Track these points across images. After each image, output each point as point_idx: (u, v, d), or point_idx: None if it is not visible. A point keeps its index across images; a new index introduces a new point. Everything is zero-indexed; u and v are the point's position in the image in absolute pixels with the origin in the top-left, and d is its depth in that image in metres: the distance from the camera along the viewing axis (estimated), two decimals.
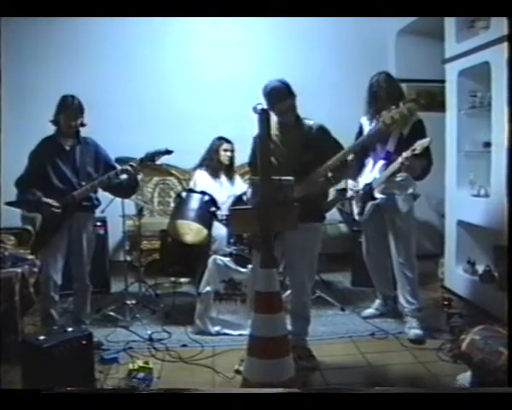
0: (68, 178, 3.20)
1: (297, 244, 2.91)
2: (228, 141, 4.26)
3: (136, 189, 3.55)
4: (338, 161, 2.91)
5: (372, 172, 3.52)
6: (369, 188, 3.50)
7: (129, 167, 3.19)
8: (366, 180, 3.55)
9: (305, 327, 3.13)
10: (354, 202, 3.68)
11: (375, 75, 3.47)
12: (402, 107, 3.08)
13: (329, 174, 2.93)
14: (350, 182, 3.67)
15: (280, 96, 2.84)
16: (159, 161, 3.50)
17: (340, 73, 5.27)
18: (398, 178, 3.41)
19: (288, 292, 3.33)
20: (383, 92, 3.36)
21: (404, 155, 3.18)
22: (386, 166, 3.38)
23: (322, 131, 2.98)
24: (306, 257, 3.01)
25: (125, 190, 3.42)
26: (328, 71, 5.30)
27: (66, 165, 3.21)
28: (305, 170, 2.87)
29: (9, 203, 3.23)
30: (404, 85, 3.67)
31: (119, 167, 3.27)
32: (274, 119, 2.89)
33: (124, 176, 3.25)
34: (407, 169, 3.27)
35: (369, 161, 3.59)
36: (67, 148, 3.24)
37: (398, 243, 3.47)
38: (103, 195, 3.47)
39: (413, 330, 3.40)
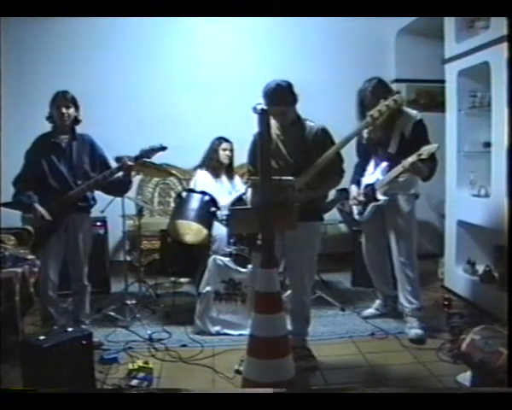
0: (64, 177, 3.18)
1: (297, 243, 2.91)
2: (227, 140, 4.27)
3: (130, 187, 3.53)
4: (328, 158, 2.90)
5: (374, 173, 3.52)
6: (370, 189, 3.50)
7: (124, 164, 3.18)
8: (368, 181, 3.55)
9: (304, 327, 3.13)
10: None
11: (367, 81, 3.46)
12: (389, 99, 3.08)
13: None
14: (353, 189, 3.66)
15: (274, 99, 2.82)
16: (158, 160, 3.50)
17: (340, 73, 5.26)
18: (401, 179, 3.40)
19: (288, 292, 3.33)
20: (368, 101, 3.35)
21: (410, 160, 3.15)
22: (390, 167, 3.37)
23: (323, 134, 2.97)
24: (306, 256, 3.01)
25: (118, 188, 3.40)
26: (328, 71, 5.29)
27: (63, 163, 3.19)
28: (303, 171, 2.86)
29: (4, 205, 3.23)
30: (403, 85, 3.67)
31: (114, 166, 3.25)
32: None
33: (119, 174, 3.25)
34: (414, 172, 3.26)
35: (370, 163, 3.59)
36: (63, 145, 3.22)
37: (400, 243, 3.46)
38: (103, 194, 3.46)
39: (413, 329, 3.39)
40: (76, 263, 3.30)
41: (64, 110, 3.16)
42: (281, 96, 2.84)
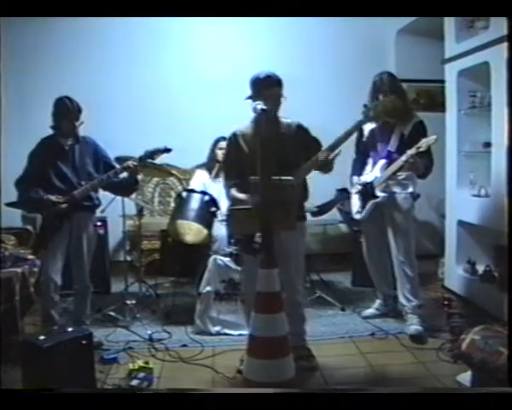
0: (68, 178, 3.20)
1: (283, 245, 2.82)
2: (225, 139, 4.25)
3: (136, 187, 3.56)
4: (324, 157, 2.89)
5: (373, 171, 3.55)
6: (369, 186, 3.52)
7: (129, 165, 3.19)
8: (367, 179, 3.57)
9: (301, 326, 3.10)
10: (353, 201, 3.69)
11: (378, 75, 3.49)
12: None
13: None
14: (355, 179, 3.69)
15: (273, 82, 2.84)
16: (159, 161, 3.51)
17: (340, 72, 5.27)
18: (399, 177, 3.43)
19: None
20: (386, 89, 3.36)
21: (409, 152, 3.20)
22: (388, 165, 3.40)
23: (302, 129, 2.97)
24: (293, 257, 2.97)
25: (124, 188, 3.43)
26: (328, 71, 5.30)
27: (66, 164, 3.22)
28: (285, 168, 2.78)
29: (10, 204, 3.23)
30: (404, 85, 3.67)
31: (118, 166, 3.27)
32: (250, 117, 2.86)
33: (123, 174, 3.26)
34: (411, 167, 3.29)
35: (370, 160, 3.61)
36: (67, 147, 3.25)
37: (398, 241, 3.48)
38: (103, 195, 3.47)
39: (413, 326, 3.40)
40: (79, 263, 3.30)
41: (75, 121, 3.19)
42: (276, 79, 2.86)
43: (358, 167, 3.68)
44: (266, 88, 2.80)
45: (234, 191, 2.91)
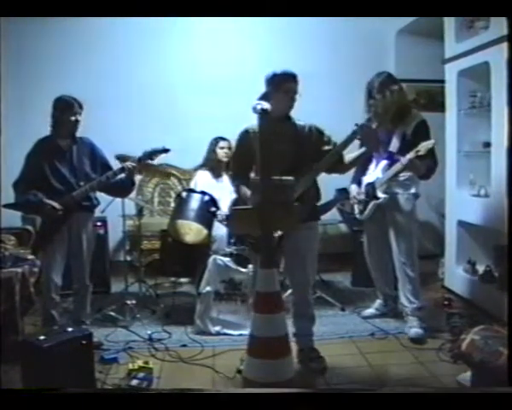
0: (67, 179, 3.19)
1: (299, 244, 2.89)
2: (224, 139, 4.28)
3: (132, 189, 3.55)
4: (333, 158, 2.89)
5: (375, 171, 3.55)
6: (371, 187, 3.52)
7: (128, 166, 3.19)
8: (368, 179, 3.57)
9: (310, 326, 3.09)
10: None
11: (376, 75, 3.47)
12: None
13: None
14: (353, 188, 3.68)
15: (290, 76, 2.86)
16: (158, 161, 3.51)
17: (340, 72, 5.27)
18: (401, 178, 3.43)
19: (289, 292, 3.33)
20: (375, 93, 3.35)
21: (408, 156, 3.19)
22: (389, 166, 3.40)
23: (317, 131, 2.97)
24: (309, 255, 2.99)
25: (121, 189, 3.42)
26: (328, 71, 5.30)
27: (64, 165, 3.21)
28: (298, 169, 2.81)
29: (8, 205, 3.23)
30: (404, 85, 3.67)
31: (115, 167, 3.27)
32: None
33: (121, 175, 3.26)
34: (412, 169, 3.29)
35: (372, 162, 3.60)
36: (64, 148, 3.24)
37: (400, 242, 3.47)
38: (103, 195, 3.47)
39: (414, 329, 3.39)
40: (79, 262, 3.30)
41: (79, 117, 3.20)
42: (293, 74, 2.88)
43: (361, 170, 3.64)
44: (285, 82, 2.81)
45: (244, 188, 2.91)
